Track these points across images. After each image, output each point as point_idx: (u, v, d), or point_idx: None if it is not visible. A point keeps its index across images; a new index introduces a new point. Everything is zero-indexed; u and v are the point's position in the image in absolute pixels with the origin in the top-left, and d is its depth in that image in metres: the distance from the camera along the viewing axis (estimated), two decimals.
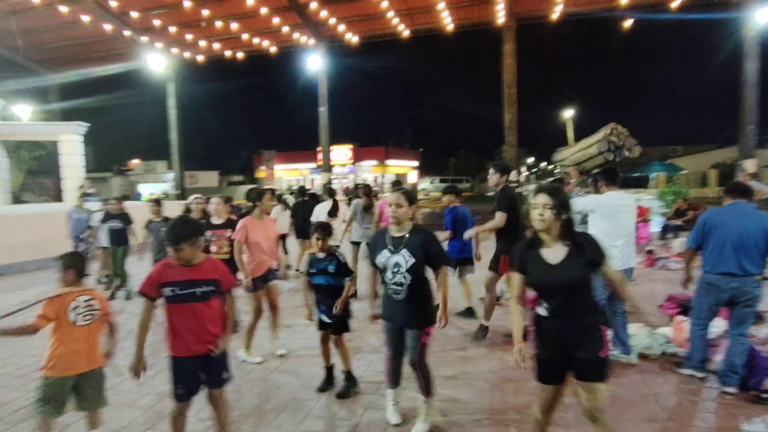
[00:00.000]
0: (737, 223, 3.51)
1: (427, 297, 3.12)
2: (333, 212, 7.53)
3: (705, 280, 3.71)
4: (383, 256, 3.08)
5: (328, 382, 3.82)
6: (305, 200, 8.53)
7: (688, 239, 3.91)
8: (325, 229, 3.74)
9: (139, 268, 7.32)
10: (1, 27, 18.01)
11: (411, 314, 3.06)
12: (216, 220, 5.32)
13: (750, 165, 12.77)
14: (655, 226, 11.84)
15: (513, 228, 4.62)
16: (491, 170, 4.94)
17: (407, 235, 3.06)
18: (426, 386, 3.13)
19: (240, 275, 4.32)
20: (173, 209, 7.57)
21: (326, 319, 3.72)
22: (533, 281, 2.46)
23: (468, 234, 5.09)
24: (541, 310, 2.46)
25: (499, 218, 4.61)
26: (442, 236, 5.43)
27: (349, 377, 3.75)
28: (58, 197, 18.31)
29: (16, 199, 18.91)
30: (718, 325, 4.41)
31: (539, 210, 2.38)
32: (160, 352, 4.79)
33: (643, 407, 3.41)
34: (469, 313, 5.66)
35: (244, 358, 4.45)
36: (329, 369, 3.86)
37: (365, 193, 6.79)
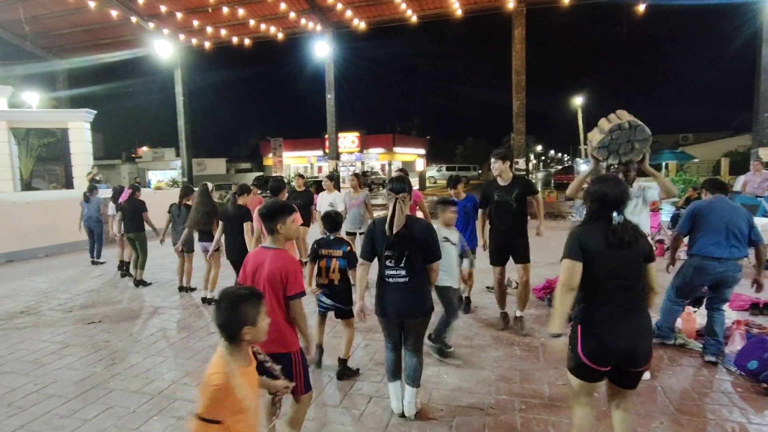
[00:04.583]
0: (724, 212, 3.84)
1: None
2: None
3: (694, 264, 3.93)
4: None
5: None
6: (306, 189, 8.49)
7: (677, 226, 4.18)
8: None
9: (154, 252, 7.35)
10: (9, 14, 18.01)
11: None
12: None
13: (764, 153, 12.56)
14: (665, 215, 11.70)
15: None
16: (494, 159, 4.73)
17: None
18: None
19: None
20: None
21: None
22: None
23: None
24: None
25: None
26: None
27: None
28: (68, 184, 18.47)
29: (26, 186, 19.07)
30: (729, 316, 4.40)
31: None
32: (161, 341, 4.83)
33: (652, 399, 3.38)
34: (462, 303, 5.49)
35: None
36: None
37: (360, 181, 6.74)
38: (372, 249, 3.09)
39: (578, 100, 23.40)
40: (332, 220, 4.02)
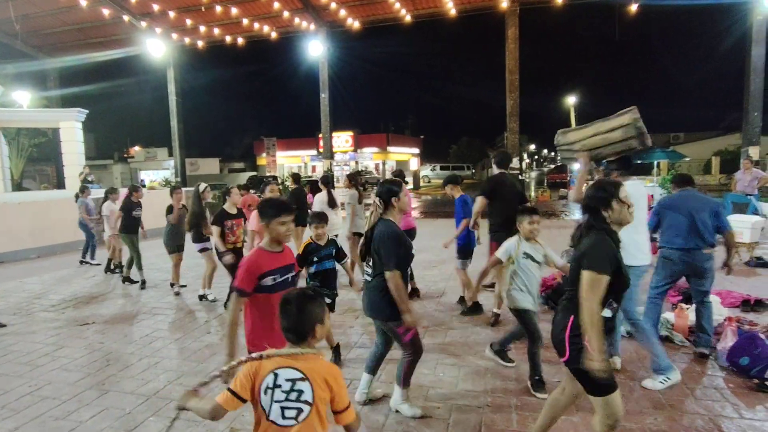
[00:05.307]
0: (689, 205, 4.00)
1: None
2: (332, 203, 7.35)
3: (662, 255, 4.14)
4: None
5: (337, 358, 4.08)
6: (297, 188, 8.47)
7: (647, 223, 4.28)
8: (322, 218, 4.13)
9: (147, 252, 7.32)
10: (0, 12, 17.83)
11: None
12: (233, 210, 5.67)
13: (754, 152, 12.71)
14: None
15: (500, 214, 4.79)
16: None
17: None
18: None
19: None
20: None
21: (329, 301, 3.97)
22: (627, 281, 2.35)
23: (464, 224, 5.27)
24: (608, 312, 2.30)
25: (479, 202, 4.88)
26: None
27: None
28: (59, 184, 18.31)
29: (17, 187, 18.90)
30: (720, 313, 4.46)
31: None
32: (156, 342, 4.81)
33: (645, 393, 3.41)
34: (462, 302, 5.58)
35: None
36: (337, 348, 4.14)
37: (353, 182, 6.75)
38: None
39: (571, 100, 23.49)
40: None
